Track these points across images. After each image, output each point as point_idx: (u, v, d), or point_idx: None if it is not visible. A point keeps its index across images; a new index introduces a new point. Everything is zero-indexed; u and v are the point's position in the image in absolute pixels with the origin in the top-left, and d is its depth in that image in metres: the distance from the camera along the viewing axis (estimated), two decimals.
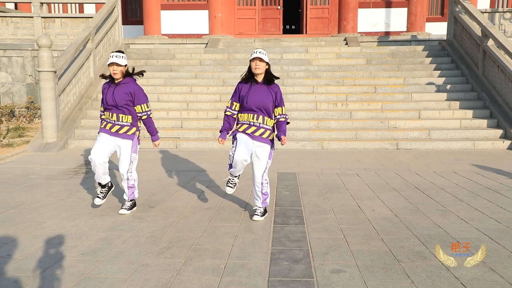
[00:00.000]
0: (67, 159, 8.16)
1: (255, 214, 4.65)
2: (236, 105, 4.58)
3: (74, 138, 9.67)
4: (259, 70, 4.41)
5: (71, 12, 17.22)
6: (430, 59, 12.60)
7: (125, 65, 4.67)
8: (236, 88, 4.61)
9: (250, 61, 4.44)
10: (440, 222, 4.49)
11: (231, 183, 4.68)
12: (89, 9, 17.04)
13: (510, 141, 9.02)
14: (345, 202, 5.30)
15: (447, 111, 10.22)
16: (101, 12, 12.28)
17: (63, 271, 3.37)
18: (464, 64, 11.85)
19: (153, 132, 4.96)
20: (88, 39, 11.23)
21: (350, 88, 11.34)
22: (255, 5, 17.03)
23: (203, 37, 15.61)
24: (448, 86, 11.16)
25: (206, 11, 16.34)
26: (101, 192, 4.90)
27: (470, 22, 11.85)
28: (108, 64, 4.58)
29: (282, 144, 4.55)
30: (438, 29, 16.07)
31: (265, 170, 4.57)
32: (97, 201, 4.88)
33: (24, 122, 11.64)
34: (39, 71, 9.31)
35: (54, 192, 5.82)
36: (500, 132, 9.41)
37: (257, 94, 4.41)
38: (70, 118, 10.07)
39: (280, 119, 4.54)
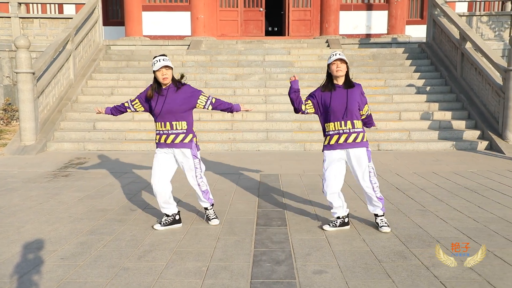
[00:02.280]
0: (46, 162, 8.03)
1: (383, 226, 4.29)
2: (309, 104, 4.45)
3: (54, 140, 9.52)
4: (341, 72, 4.21)
5: (50, 13, 16.94)
6: (410, 61, 12.78)
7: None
8: (312, 93, 4.48)
9: (330, 65, 4.25)
10: (420, 222, 4.55)
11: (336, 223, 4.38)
12: (69, 10, 16.80)
13: (487, 142, 9.19)
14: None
15: (427, 113, 10.36)
16: (81, 13, 12.13)
17: (42, 276, 3.31)
18: (443, 66, 12.04)
19: (229, 105, 4.55)
20: (68, 40, 11.08)
21: None
22: (237, 6, 17.03)
23: (185, 39, 15.54)
24: (428, 88, 11.33)
25: (188, 13, 16.26)
26: (165, 220, 4.46)
27: (448, 25, 12.05)
28: (156, 70, 4.21)
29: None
30: (418, 32, 16.29)
31: (370, 174, 4.31)
32: (156, 226, 4.43)
33: (2, 124, 11.42)
34: (17, 73, 9.14)
35: (32, 196, 5.72)
36: (478, 133, 9.58)
37: (340, 99, 4.23)
38: (49, 120, 9.91)
39: (369, 113, 4.48)
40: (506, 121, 9.00)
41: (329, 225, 4.38)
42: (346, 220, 4.38)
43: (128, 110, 4.63)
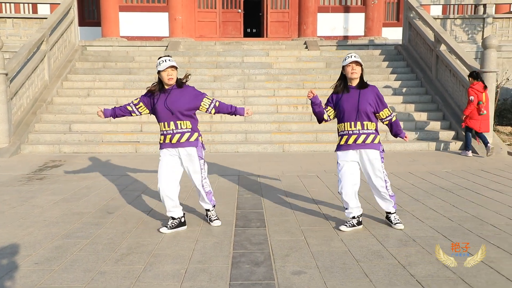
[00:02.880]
0: (20, 165, 7.85)
1: (398, 223, 4.42)
2: (330, 109, 4.45)
3: (28, 143, 9.32)
4: (356, 75, 4.23)
5: (24, 13, 16.59)
6: (386, 63, 12.96)
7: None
8: (329, 98, 4.47)
9: (345, 67, 4.26)
10: None
11: (350, 224, 4.39)
12: (43, 10, 16.47)
13: (461, 142, 9.38)
14: (306, 204, 5.36)
15: (403, 114, 10.52)
16: (56, 13, 11.92)
17: (15, 282, 3.23)
18: (418, 68, 12.25)
19: (233, 109, 4.52)
20: (42, 41, 10.86)
21: None
22: (215, 8, 16.99)
23: (163, 40, 15.42)
24: (404, 89, 11.50)
25: (166, 13, 16.14)
26: (171, 223, 4.39)
27: (423, 28, 12.27)
28: (161, 71, 4.17)
29: (406, 140, 4.51)
30: (394, 34, 16.52)
31: (384, 174, 4.35)
32: (163, 230, 4.35)
33: None
34: None
35: (5, 200, 5.58)
36: (452, 133, 9.78)
37: (353, 99, 4.24)
38: (23, 122, 9.70)
39: (393, 119, 4.40)
40: None
41: (346, 225, 4.39)
42: (360, 219, 4.43)
43: (133, 114, 4.50)
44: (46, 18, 12.14)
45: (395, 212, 4.50)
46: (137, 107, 4.45)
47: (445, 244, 3.92)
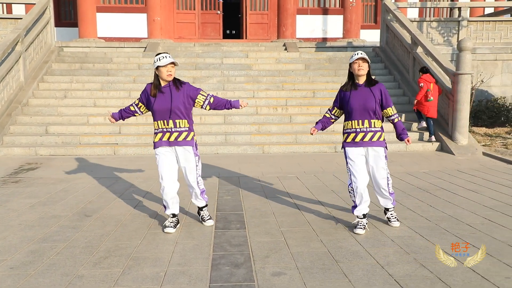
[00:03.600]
0: None
1: (394, 221, 4.51)
2: (336, 110, 4.56)
3: (2, 145, 9.11)
4: (363, 71, 4.27)
5: None
6: None
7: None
8: (337, 95, 4.53)
9: (352, 64, 4.31)
10: (375, 222, 4.67)
11: (361, 226, 4.37)
12: (18, 10, 16.15)
13: (438, 143, 9.56)
14: (286, 205, 5.38)
15: None
16: (31, 13, 11.69)
17: None
18: (396, 70, 12.43)
19: (228, 104, 4.52)
20: (18, 41, 10.64)
21: (290, 92, 11.55)
22: (194, 9, 16.92)
23: (141, 41, 15.29)
24: None
25: (145, 15, 16.00)
26: (174, 221, 4.44)
27: (401, 30, 12.46)
28: (160, 66, 4.16)
29: (408, 144, 4.50)
30: (372, 36, 16.75)
31: (387, 171, 4.41)
32: (169, 230, 4.35)
33: None
34: None
35: None
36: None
37: (360, 97, 4.29)
38: None
39: (395, 120, 4.44)
40: (455, 123, 9.39)
41: (360, 227, 4.34)
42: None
43: (135, 114, 4.61)
44: (21, 18, 11.90)
45: (393, 209, 4.58)
46: (138, 106, 4.55)
47: (423, 244, 3.99)
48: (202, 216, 4.66)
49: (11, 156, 8.78)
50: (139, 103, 4.51)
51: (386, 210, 4.59)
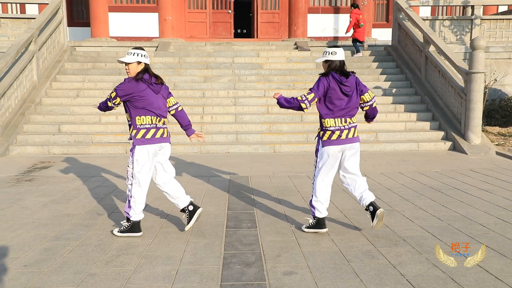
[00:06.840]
0: (8, 167, 7.76)
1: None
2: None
3: (16, 144, 9.22)
4: None
5: (12, 13, 16.43)
6: (376, 63, 13.03)
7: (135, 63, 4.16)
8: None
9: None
10: (387, 221, 4.64)
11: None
12: (32, 10, 16.33)
13: (451, 142, 9.47)
14: (297, 204, 5.37)
15: (393, 114, 10.59)
16: (44, 13, 11.81)
17: (3, 284, 3.20)
18: (408, 69, 12.33)
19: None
20: (31, 41, 10.76)
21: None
22: (205, 8, 16.96)
23: (153, 40, 15.37)
24: (394, 90, 11.57)
25: (156, 14, 16.08)
26: (189, 215, 4.32)
27: (413, 29, 12.35)
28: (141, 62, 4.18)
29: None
30: (384, 35, 16.62)
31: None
32: (187, 228, 4.33)
33: None
34: None
35: None
36: (441, 133, 9.86)
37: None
38: (12, 123, 9.59)
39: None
40: (468, 122, 9.29)
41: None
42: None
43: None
44: (34, 18, 12.02)
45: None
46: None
47: (435, 244, 3.95)
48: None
49: (24, 154, 8.88)
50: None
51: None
